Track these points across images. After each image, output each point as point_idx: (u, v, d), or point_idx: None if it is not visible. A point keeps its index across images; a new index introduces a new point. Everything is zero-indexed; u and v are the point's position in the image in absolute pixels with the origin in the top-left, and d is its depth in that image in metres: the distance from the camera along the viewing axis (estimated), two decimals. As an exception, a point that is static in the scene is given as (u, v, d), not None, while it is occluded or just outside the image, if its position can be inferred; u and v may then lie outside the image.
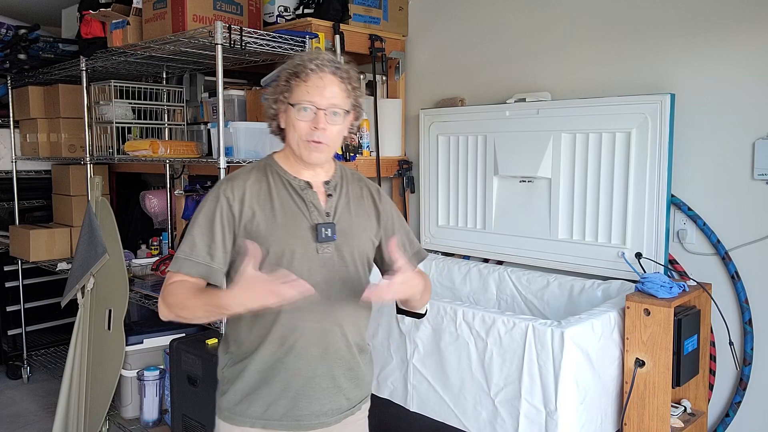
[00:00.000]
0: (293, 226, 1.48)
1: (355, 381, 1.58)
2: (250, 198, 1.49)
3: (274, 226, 1.47)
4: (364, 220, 1.59)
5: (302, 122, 1.47)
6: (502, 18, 2.85)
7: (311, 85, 1.45)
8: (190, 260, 1.46)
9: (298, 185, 1.53)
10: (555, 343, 1.79)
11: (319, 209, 1.52)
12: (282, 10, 2.86)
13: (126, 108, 3.26)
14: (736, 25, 2.20)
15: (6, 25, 3.49)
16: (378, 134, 3.04)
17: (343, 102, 1.49)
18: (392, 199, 3.24)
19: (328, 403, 1.53)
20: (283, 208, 1.49)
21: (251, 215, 1.47)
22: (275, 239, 1.46)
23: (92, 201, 3.19)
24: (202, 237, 1.47)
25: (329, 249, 1.50)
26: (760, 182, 2.18)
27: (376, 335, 2.31)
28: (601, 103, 2.39)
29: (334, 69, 1.48)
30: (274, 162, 1.57)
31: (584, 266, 2.49)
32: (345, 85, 1.49)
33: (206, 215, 1.48)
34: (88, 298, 3.11)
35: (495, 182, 2.76)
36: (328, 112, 1.47)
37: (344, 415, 1.57)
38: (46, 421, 3.39)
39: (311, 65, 1.46)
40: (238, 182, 1.51)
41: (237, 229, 1.48)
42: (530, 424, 1.86)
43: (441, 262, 2.94)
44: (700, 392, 2.22)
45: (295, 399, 1.50)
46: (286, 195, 1.51)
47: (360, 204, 1.61)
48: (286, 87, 1.48)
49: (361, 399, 1.63)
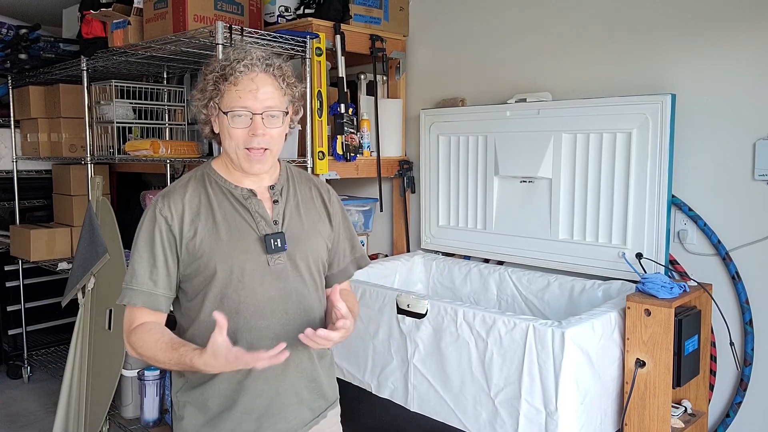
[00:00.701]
0: (239, 240, 1.39)
1: (317, 391, 1.53)
2: (190, 214, 1.39)
3: (219, 242, 1.38)
4: (316, 221, 1.52)
5: (238, 130, 1.36)
6: (503, 18, 2.85)
7: (243, 89, 1.34)
8: (131, 289, 1.38)
9: (241, 194, 1.43)
10: (555, 344, 1.79)
11: (265, 218, 1.43)
12: (283, 10, 2.86)
13: (127, 108, 3.26)
14: (736, 25, 2.20)
15: (7, 25, 3.50)
16: (378, 134, 3.05)
17: (279, 102, 1.39)
18: (392, 199, 3.28)
19: (292, 418, 1.48)
20: (226, 222, 1.40)
21: (193, 233, 1.38)
22: (221, 256, 1.37)
23: (93, 201, 3.19)
24: (141, 263, 1.38)
25: (281, 260, 1.42)
26: (761, 183, 2.18)
27: (377, 335, 2.31)
28: (601, 104, 2.39)
29: (265, 67, 1.37)
30: (213, 171, 1.46)
31: (585, 266, 2.49)
32: (278, 82, 1.38)
33: (144, 239, 1.39)
34: (89, 298, 3.11)
35: (495, 182, 2.76)
36: (265, 115, 1.36)
37: (308, 426, 1.52)
38: (46, 421, 3.39)
39: (239, 66, 1.34)
40: (175, 198, 1.41)
41: (179, 251, 1.39)
42: (530, 424, 1.86)
43: (441, 263, 2.94)
44: (701, 393, 2.22)
45: (259, 421, 1.44)
46: (228, 206, 1.42)
47: (310, 205, 1.53)
48: (215, 92, 1.38)
49: (326, 407, 1.57)
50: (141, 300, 1.38)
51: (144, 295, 1.38)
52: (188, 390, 1.46)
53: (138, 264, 1.39)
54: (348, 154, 2.81)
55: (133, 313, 1.40)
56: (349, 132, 2.81)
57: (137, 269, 1.38)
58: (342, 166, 2.79)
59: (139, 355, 1.36)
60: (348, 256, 1.63)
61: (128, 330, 1.39)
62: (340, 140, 2.78)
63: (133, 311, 1.39)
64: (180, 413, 1.47)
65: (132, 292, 1.38)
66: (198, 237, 1.38)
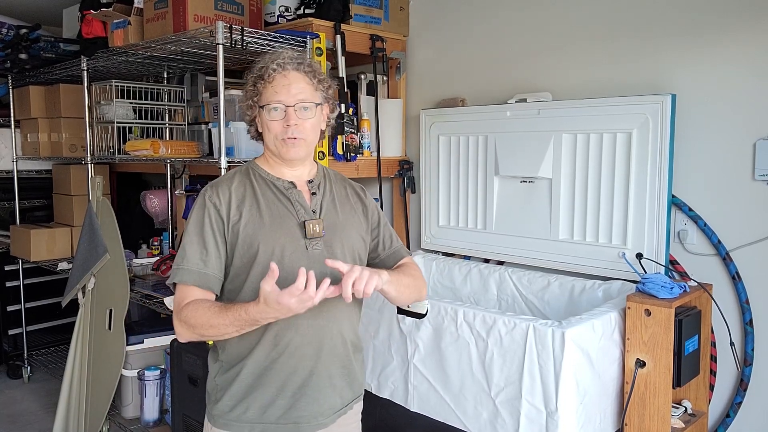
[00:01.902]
0: (281, 225, 1.50)
1: (348, 380, 1.58)
2: (237, 201, 1.51)
3: (262, 225, 1.49)
4: (351, 216, 1.62)
5: (274, 122, 1.50)
6: (503, 18, 2.85)
7: (277, 85, 1.48)
8: (182, 269, 1.47)
9: (283, 185, 1.55)
10: (556, 344, 1.79)
11: (305, 207, 1.54)
12: (283, 10, 2.86)
13: (127, 108, 3.26)
14: (736, 25, 2.20)
15: (7, 25, 3.50)
16: (379, 134, 3.05)
17: (311, 96, 1.51)
18: (392, 199, 3.27)
19: (324, 402, 1.53)
20: (269, 208, 1.51)
21: (239, 217, 1.49)
22: (264, 238, 1.47)
23: (93, 201, 3.19)
24: (191, 245, 1.48)
25: (318, 245, 1.51)
26: (761, 183, 2.18)
27: (377, 335, 2.31)
28: (602, 104, 2.39)
29: (297, 65, 1.51)
30: (257, 166, 1.59)
31: (585, 266, 2.49)
32: (309, 78, 1.52)
33: (195, 224, 1.50)
34: (89, 298, 3.11)
35: (496, 182, 2.76)
36: (297, 107, 1.49)
37: (338, 414, 1.57)
38: (46, 421, 3.39)
39: (273, 65, 1.49)
40: (223, 187, 1.53)
41: (227, 233, 1.49)
42: (530, 424, 1.86)
43: (441, 263, 2.94)
44: (701, 393, 2.22)
45: (293, 399, 1.49)
46: (271, 195, 1.53)
47: (345, 202, 1.63)
48: (254, 92, 1.52)
49: (353, 399, 1.62)
50: (192, 279, 1.46)
51: (195, 274, 1.46)
52: (224, 372, 1.53)
53: (189, 246, 1.48)
54: (348, 154, 2.81)
55: (183, 292, 1.47)
56: (349, 132, 2.81)
57: (188, 251, 1.47)
58: (342, 166, 2.79)
59: (191, 327, 1.42)
60: (395, 242, 1.71)
61: (178, 308, 1.46)
62: (341, 140, 2.78)
63: (184, 290, 1.47)
64: (216, 396, 1.54)
65: (183, 272, 1.46)
66: (243, 220, 1.49)
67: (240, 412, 1.50)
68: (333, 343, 1.53)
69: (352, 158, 2.82)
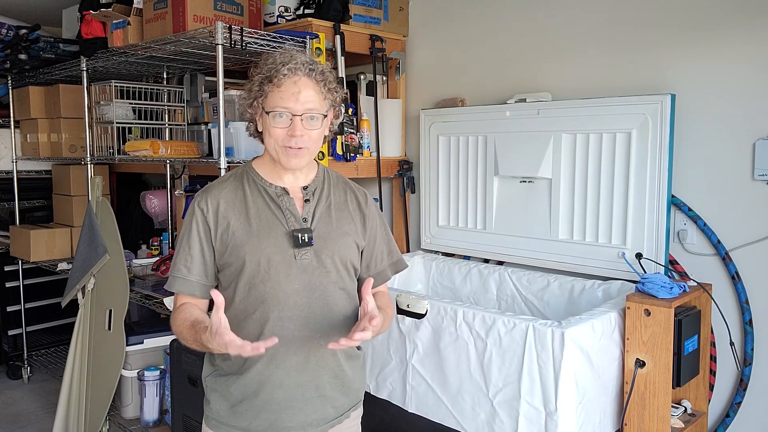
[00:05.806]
0: (269, 234, 1.47)
1: (341, 389, 1.55)
2: (225, 208, 1.48)
3: (249, 234, 1.46)
4: (347, 224, 1.56)
5: (278, 129, 1.44)
6: (503, 18, 2.85)
7: (285, 91, 1.42)
8: (171, 276, 1.50)
9: (274, 192, 1.51)
10: (555, 344, 1.79)
11: (295, 215, 1.50)
12: (282, 11, 2.86)
13: (126, 108, 3.26)
14: (736, 25, 2.20)
15: (6, 26, 3.50)
16: (378, 134, 3.05)
17: (319, 105, 1.45)
18: (392, 200, 3.28)
19: (313, 413, 1.51)
20: (258, 216, 1.48)
21: (226, 225, 1.47)
22: (251, 248, 1.45)
23: (93, 201, 3.19)
24: (178, 253, 1.51)
25: (307, 255, 1.48)
26: (761, 182, 2.18)
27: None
28: (601, 104, 2.39)
29: (308, 71, 1.43)
30: (252, 169, 1.55)
31: (584, 266, 2.49)
32: (320, 87, 1.45)
33: (184, 230, 1.51)
34: (89, 299, 3.11)
35: (495, 182, 2.76)
36: (305, 117, 1.43)
37: (331, 424, 1.54)
38: (46, 421, 3.39)
39: (284, 69, 1.42)
40: (213, 193, 1.51)
41: (214, 241, 1.48)
42: (529, 424, 1.85)
43: (441, 263, 2.94)
44: (701, 393, 2.21)
45: (278, 412, 1.48)
46: (262, 203, 1.50)
47: (343, 208, 1.57)
48: (260, 92, 1.45)
49: (350, 407, 1.59)
50: (176, 286, 1.50)
51: (179, 281, 1.49)
52: (217, 377, 1.55)
53: (177, 254, 1.51)
54: (348, 155, 2.81)
55: (176, 298, 1.52)
56: (348, 132, 2.81)
57: (176, 258, 1.51)
58: (342, 166, 2.79)
59: (176, 333, 1.47)
60: (385, 260, 1.66)
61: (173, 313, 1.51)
62: (340, 140, 2.78)
63: (176, 295, 1.52)
64: (208, 397, 1.57)
65: (171, 279, 1.51)
66: (231, 229, 1.47)
67: (230, 418, 1.51)
68: (320, 353, 1.49)
69: (352, 158, 2.82)
